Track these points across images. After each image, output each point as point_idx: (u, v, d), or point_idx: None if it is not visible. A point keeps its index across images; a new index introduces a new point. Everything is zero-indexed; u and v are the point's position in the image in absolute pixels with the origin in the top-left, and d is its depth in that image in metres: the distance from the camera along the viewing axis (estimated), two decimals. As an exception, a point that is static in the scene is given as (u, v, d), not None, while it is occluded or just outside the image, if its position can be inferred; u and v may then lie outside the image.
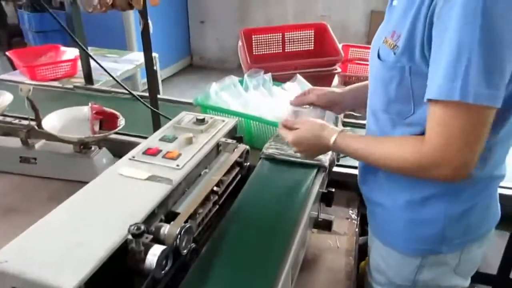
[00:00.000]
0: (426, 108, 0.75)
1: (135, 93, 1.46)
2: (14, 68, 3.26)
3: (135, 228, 0.64)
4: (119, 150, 0.86)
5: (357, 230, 1.18)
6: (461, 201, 0.88)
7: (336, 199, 1.24)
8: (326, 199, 1.07)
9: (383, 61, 0.82)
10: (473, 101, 0.67)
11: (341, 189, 1.30)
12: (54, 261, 0.59)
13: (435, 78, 0.70)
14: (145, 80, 1.39)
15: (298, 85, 1.37)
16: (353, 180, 1.16)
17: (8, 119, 1.55)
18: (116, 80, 1.45)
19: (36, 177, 1.35)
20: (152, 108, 1.34)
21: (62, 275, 0.56)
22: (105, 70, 1.38)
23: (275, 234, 0.84)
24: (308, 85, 1.36)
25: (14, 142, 1.37)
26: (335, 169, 1.22)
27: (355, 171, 1.20)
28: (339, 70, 1.75)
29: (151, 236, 0.68)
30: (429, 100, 0.72)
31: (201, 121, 0.99)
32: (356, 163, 1.19)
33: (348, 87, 1.13)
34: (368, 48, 2.86)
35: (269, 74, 1.44)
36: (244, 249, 0.80)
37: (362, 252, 1.19)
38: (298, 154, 1.03)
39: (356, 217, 1.24)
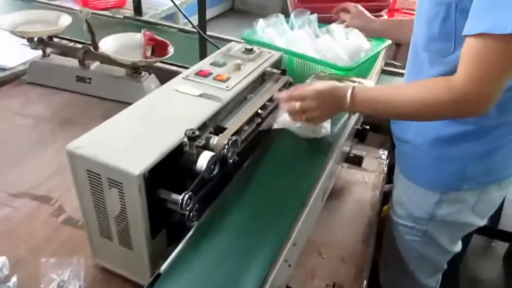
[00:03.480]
0: None
1: (183, 26, 1.52)
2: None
3: (191, 132, 0.72)
4: (166, 78, 0.94)
5: (385, 169, 1.25)
6: (485, 142, 0.92)
7: (369, 141, 1.30)
8: (359, 135, 1.13)
9: None
10: None
11: (375, 132, 1.36)
12: (123, 150, 0.69)
13: (488, 11, 0.70)
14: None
15: (344, 27, 1.39)
16: (386, 123, 1.21)
17: (64, 42, 1.65)
18: (178, 8, 1.56)
19: (90, 96, 1.46)
20: (201, 32, 1.40)
21: (130, 161, 0.66)
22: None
23: (307, 162, 0.91)
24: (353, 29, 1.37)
25: (71, 62, 1.48)
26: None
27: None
28: (385, 17, 1.73)
29: (203, 141, 0.76)
30: (472, 35, 0.72)
31: (249, 51, 1.05)
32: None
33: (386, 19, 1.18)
34: (417, -2, 2.72)
35: (315, 15, 1.46)
36: (279, 169, 0.89)
37: (385, 198, 1.25)
38: None
39: (386, 158, 1.30)
